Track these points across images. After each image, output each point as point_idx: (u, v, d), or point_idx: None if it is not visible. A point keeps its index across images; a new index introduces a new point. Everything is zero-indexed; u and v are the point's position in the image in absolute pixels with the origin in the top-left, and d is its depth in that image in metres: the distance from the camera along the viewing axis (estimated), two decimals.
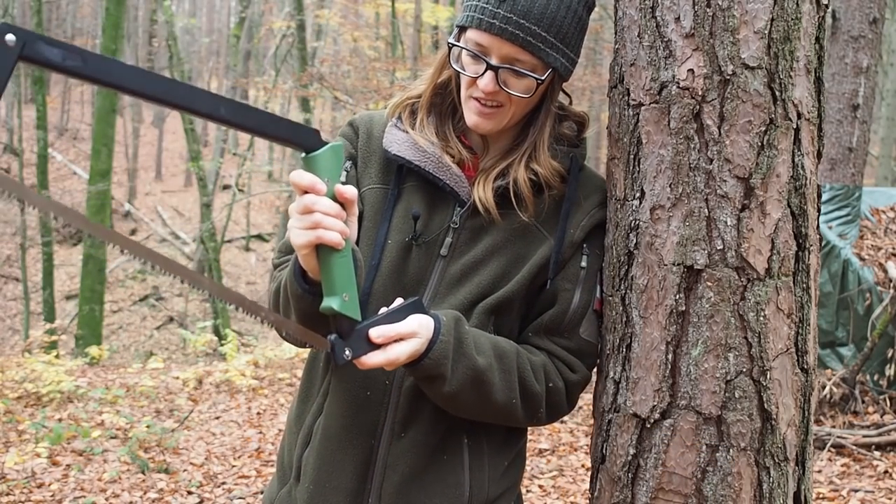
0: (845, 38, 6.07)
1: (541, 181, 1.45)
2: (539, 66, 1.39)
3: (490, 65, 1.38)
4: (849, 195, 6.20)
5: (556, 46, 1.39)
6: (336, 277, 1.22)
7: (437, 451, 1.42)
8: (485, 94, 1.40)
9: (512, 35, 1.36)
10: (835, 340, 6.01)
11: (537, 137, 1.46)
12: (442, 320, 1.32)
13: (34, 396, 7.09)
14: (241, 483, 4.99)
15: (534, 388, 1.42)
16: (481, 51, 1.39)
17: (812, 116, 1.39)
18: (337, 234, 1.19)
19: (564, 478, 4.94)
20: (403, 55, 16.34)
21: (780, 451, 1.38)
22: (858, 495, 4.43)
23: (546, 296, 1.46)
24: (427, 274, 1.45)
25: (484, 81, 1.39)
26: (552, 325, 1.46)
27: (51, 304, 14.71)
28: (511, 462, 1.51)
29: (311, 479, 1.44)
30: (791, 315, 1.38)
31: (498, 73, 1.38)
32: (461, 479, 1.42)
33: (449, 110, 1.51)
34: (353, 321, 1.23)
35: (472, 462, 1.44)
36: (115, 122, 12.90)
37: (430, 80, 1.51)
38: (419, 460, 1.41)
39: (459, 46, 1.42)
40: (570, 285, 1.47)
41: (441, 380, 1.32)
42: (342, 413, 1.43)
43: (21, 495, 4.61)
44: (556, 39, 1.39)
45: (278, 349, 9.48)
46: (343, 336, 1.22)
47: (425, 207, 1.46)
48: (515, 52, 1.37)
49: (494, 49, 1.37)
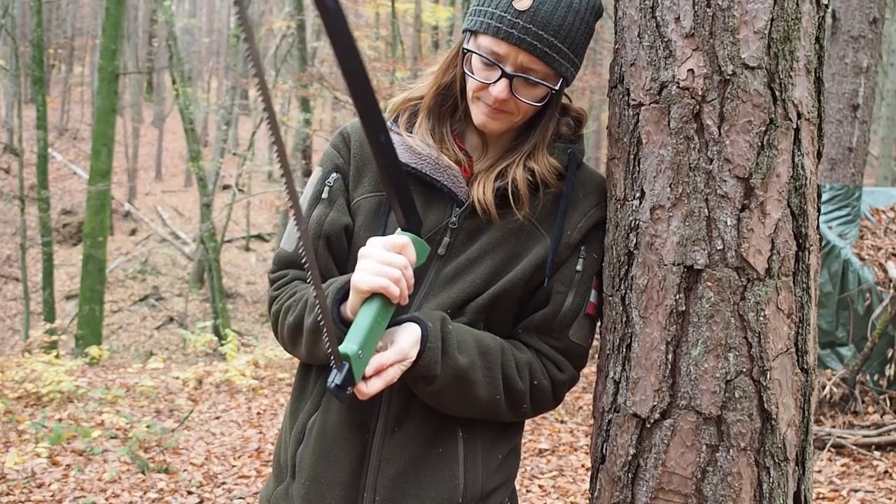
0: (845, 38, 6.07)
1: (537, 179, 1.46)
2: (551, 75, 1.41)
3: (505, 72, 1.39)
4: (849, 195, 6.20)
5: (569, 57, 1.41)
6: (368, 330, 1.25)
7: (432, 444, 1.43)
8: (497, 100, 1.41)
9: (530, 46, 1.37)
10: (835, 340, 6.01)
11: (538, 139, 1.48)
12: (428, 326, 1.34)
13: (34, 396, 7.09)
14: (241, 483, 4.99)
15: (517, 384, 1.43)
16: (497, 58, 1.40)
17: (812, 116, 1.39)
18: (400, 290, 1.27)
19: (564, 478, 4.94)
20: (403, 55, 16.33)
21: (780, 451, 1.38)
22: (858, 495, 4.43)
23: (540, 296, 1.47)
24: (423, 273, 1.45)
25: (497, 89, 1.40)
26: (542, 325, 1.47)
27: (51, 304, 14.71)
28: (506, 456, 1.52)
29: (307, 475, 1.45)
30: (791, 315, 1.38)
31: (512, 81, 1.40)
32: (456, 472, 1.43)
33: (448, 112, 1.52)
34: (352, 378, 1.24)
35: (466, 455, 1.44)
36: (115, 122, 12.91)
37: (434, 82, 1.51)
38: (413, 454, 1.42)
39: (476, 53, 1.42)
40: (563, 287, 1.47)
41: (426, 380, 1.35)
42: (336, 409, 1.44)
43: (21, 495, 4.61)
44: (569, 50, 1.41)
45: (278, 349, 9.48)
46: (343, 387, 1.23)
47: (422, 208, 1.46)
48: (531, 61, 1.38)
49: (510, 58, 1.39)
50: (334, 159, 1.54)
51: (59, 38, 31.74)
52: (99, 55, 13.22)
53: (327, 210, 1.49)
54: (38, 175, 14.96)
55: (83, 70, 33.51)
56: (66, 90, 30.11)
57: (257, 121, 20.55)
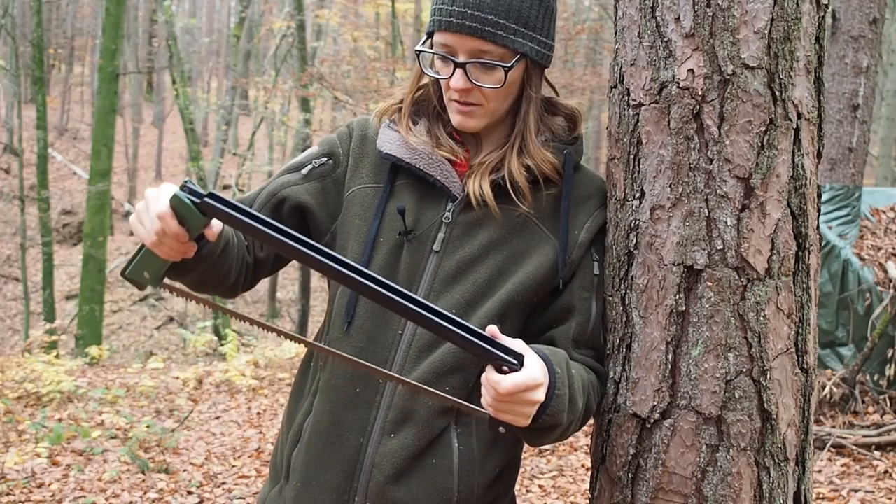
0: (845, 38, 6.06)
1: (535, 173, 1.45)
2: (506, 54, 1.40)
3: (456, 63, 1.40)
4: (849, 195, 6.19)
5: (520, 32, 1.40)
6: None
7: (426, 454, 1.40)
8: (457, 92, 1.41)
9: (470, 28, 1.37)
10: (835, 340, 6.00)
11: (523, 127, 1.46)
12: (557, 373, 1.27)
13: (34, 396, 7.09)
14: (241, 483, 4.99)
15: (592, 412, 1.43)
16: (448, 51, 1.41)
17: (812, 116, 1.39)
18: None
19: (564, 478, 4.93)
20: (403, 55, 16.33)
21: (780, 451, 1.38)
22: (858, 495, 4.43)
23: (561, 304, 1.45)
24: (419, 270, 1.44)
25: (454, 80, 1.40)
26: (579, 336, 1.45)
27: (51, 304, 14.71)
28: (504, 469, 1.48)
29: (298, 477, 1.44)
30: (791, 315, 1.38)
31: (466, 70, 1.40)
32: (450, 484, 1.40)
33: (436, 113, 1.52)
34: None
35: (461, 468, 1.41)
36: (115, 122, 12.90)
37: (409, 90, 1.53)
38: (407, 462, 1.39)
39: (425, 51, 1.45)
40: (587, 293, 1.46)
41: (550, 430, 1.30)
42: (331, 410, 1.42)
43: (21, 495, 4.61)
44: (517, 25, 1.39)
45: (278, 349, 9.48)
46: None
47: (416, 203, 1.46)
48: (479, 44, 1.38)
49: (459, 46, 1.39)
50: (333, 146, 1.55)
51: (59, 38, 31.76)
52: (99, 55, 13.23)
53: (299, 182, 1.50)
54: (38, 175, 14.97)
55: (83, 70, 33.51)
56: (66, 90, 30.11)
57: (257, 121, 20.55)
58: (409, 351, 1.41)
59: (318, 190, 1.51)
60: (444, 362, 1.39)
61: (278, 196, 1.50)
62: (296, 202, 1.49)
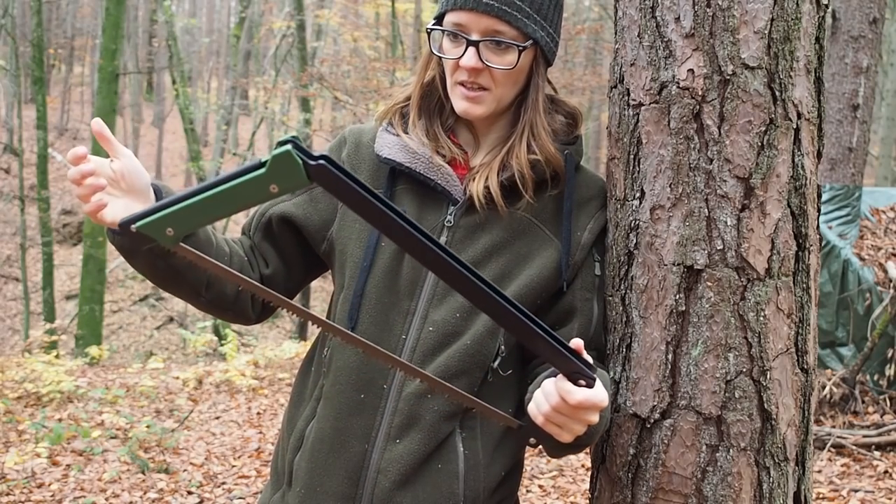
0: (845, 38, 6.06)
1: (543, 166, 1.43)
2: (519, 37, 1.40)
3: (469, 41, 1.39)
4: (849, 195, 6.20)
5: (533, 17, 1.40)
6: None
7: (432, 459, 1.39)
8: (468, 71, 1.40)
9: (486, 6, 1.37)
10: (835, 340, 6.01)
11: (532, 116, 1.45)
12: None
13: (34, 396, 7.09)
14: (241, 483, 4.99)
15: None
16: (461, 29, 1.40)
17: (812, 116, 1.39)
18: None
19: (564, 478, 4.93)
20: (403, 55, 16.34)
21: (780, 451, 1.38)
22: (858, 495, 4.43)
23: (563, 305, 1.45)
24: (422, 275, 1.42)
25: (466, 58, 1.39)
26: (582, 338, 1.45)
27: (51, 304, 14.71)
28: (509, 472, 1.48)
29: (302, 484, 1.43)
30: (791, 315, 1.38)
31: (479, 49, 1.39)
32: (455, 489, 1.39)
33: (436, 109, 1.51)
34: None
35: (467, 472, 1.40)
36: (115, 122, 12.91)
37: (416, 81, 1.51)
38: (412, 467, 1.38)
39: (438, 29, 1.43)
40: (589, 294, 1.46)
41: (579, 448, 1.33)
42: (335, 416, 1.41)
43: (21, 495, 4.61)
44: (531, 10, 1.40)
45: (278, 349, 9.49)
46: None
47: (417, 208, 1.45)
48: (494, 23, 1.38)
49: (473, 24, 1.39)
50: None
51: (59, 38, 31.73)
52: (99, 55, 13.22)
53: (286, 199, 1.51)
54: (38, 175, 14.97)
55: (83, 70, 33.50)
56: (66, 90, 30.11)
57: (257, 121, 20.55)
58: (413, 355, 1.40)
59: (304, 201, 1.51)
60: (449, 366, 1.38)
61: (266, 216, 1.52)
62: (280, 215, 1.50)
